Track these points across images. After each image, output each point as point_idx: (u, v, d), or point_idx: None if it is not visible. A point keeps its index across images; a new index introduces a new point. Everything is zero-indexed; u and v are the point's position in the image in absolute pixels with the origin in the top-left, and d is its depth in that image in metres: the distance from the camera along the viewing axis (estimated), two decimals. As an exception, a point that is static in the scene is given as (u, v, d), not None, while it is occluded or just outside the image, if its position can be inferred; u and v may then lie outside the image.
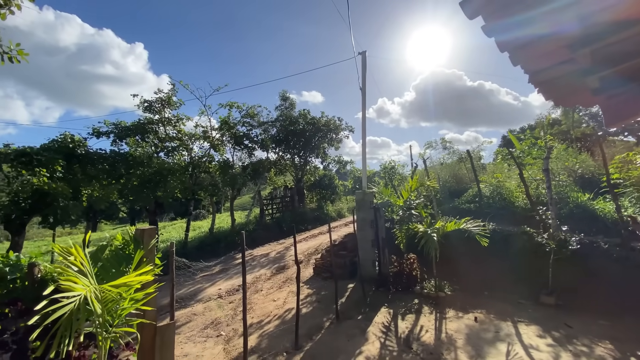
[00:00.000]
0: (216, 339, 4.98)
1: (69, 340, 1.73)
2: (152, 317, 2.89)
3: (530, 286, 5.64)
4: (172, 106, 13.86)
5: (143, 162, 12.25)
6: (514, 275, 5.99)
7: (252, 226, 15.59)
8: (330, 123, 18.67)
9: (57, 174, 9.41)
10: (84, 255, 2.17)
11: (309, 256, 10.41)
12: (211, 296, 7.30)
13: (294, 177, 20.06)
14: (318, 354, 4.22)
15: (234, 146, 16.01)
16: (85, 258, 2.19)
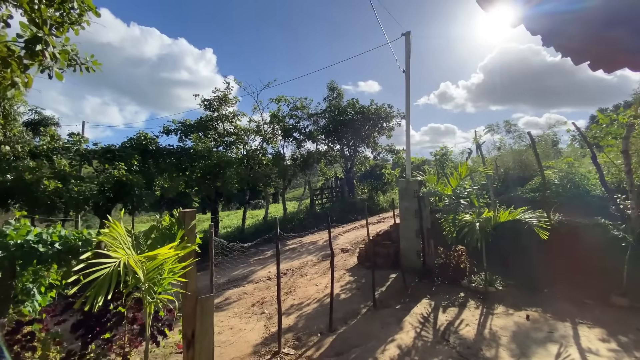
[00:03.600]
0: (260, 316, 5.37)
1: (102, 298, 2.09)
2: (192, 288, 3.26)
3: (600, 285, 4.92)
4: (229, 103, 14.90)
5: (204, 156, 13.45)
6: (581, 272, 5.28)
7: (303, 215, 16.13)
8: (380, 111, 18.19)
9: (134, 167, 10.92)
10: (123, 231, 2.56)
11: (355, 245, 10.44)
12: (261, 278, 7.83)
13: (343, 167, 20.11)
14: (350, 337, 4.30)
15: (284, 139, 16.64)
16: (124, 234, 2.57)
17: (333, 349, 4.02)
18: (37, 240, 3.27)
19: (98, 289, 2.12)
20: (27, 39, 3.99)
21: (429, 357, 3.70)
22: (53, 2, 4.26)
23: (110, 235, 2.53)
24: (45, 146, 10.83)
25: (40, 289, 3.68)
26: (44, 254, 3.29)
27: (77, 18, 4.58)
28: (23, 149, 10.71)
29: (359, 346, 4.03)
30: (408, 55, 8.18)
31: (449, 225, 6.47)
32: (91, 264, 2.58)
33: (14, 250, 3.16)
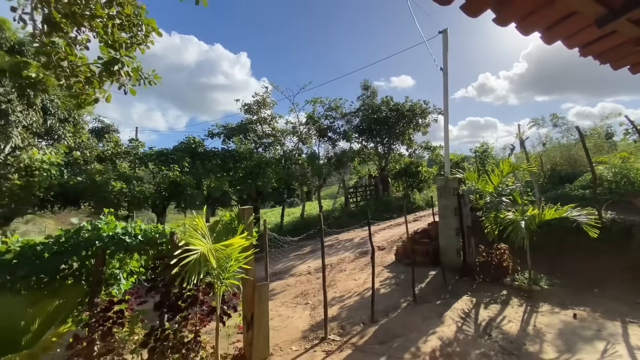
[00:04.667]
0: (304, 306, 5.76)
1: (194, 278, 2.54)
2: (251, 276, 3.70)
3: (657, 286, 4.68)
4: (267, 107, 15.62)
5: (246, 157, 14.24)
6: (634, 272, 5.04)
7: (338, 213, 16.45)
8: (415, 107, 17.96)
9: (185, 169, 11.92)
10: (204, 225, 3.02)
11: (392, 243, 10.54)
12: (302, 272, 8.26)
13: (377, 165, 20.10)
14: (392, 328, 4.52)
15: (318, 139, 17.06)
16: (205, 227, 3.03)
17: (376, 337, 4.28)
18: (124, 232, 3.89)
19: (191, 271, 2.58)
20: (106, 61, 4.67)
21: (470, 349, 3.83)
22: (124, 26, 4.91)
23: (191, 227, 3.01)
24: (110, 151, 12.20)
25: (124, 274, 4.34)
26: (130, 244, 3.90)
27: (143, 39, 5.22)
28: (91, 154, 12.13)
29: (401, 336, 4.25)
30: (445, 52, 8.14)
31: (490, 223, 6.42)
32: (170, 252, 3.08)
33: (107, 241, 3.79)
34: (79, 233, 3.76)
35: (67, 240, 3.72)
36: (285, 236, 6.36)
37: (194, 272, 2.63)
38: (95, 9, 4.40)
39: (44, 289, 3.62)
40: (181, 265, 2.82)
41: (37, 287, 3.61)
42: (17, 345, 3.17)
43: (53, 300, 3.51)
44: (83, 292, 3.80)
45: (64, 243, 3.71)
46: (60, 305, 3.53)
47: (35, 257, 3.59)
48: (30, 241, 3.73)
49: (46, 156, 8.92)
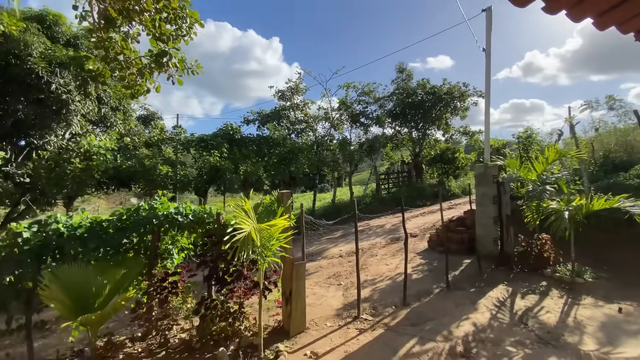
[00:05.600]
0: (337, 286, 6.00)
1: (244, 254, 2.81)
2: (290, 255, 3.96)
3: None
4: (300, 93, 15.75)
5: (280, 143, 14.59)
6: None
7: (369, 199, 16.45)
8: (453, 90, 17.15)
9: (223, 154, 12.52)
10: (250, 207, 3.28)
11: (425, 231, 10.45)
12: (334, 255, 8.51)
13: (411, 151, 19.65)
14: (424, 312, 4.62)
15: (351, 124, 16.96)
16: (251, 209, 3.29)
17: (408, 320, 4.41)
18: (176, 212, 4.29)
19: (240, 248, 2.85)
20: (157, 53, 5.00)
21: (505, 336, 3.84)
22: (170, 19, 5.19)
23: (239, 208, 3.28)
24: (156, 137, 13.10)
25: (176, 250, 4.80)
26: (181, 223, 4.30)
27: (187, 30, 5.49)
28: (139, 140, 13.09)
29: (433, 320, 4.34)
30: (489, 32, 7.69)
31: (531, 212, 6.18)
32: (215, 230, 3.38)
33: (162, 219, 4.20)
34: (138, 212, 4.20)
35: (128, 218, 4.17)
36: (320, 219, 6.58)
37: (243, 249, 2.90)
38: (147, 4, 4.70)
39: (110, 260, 4.12)
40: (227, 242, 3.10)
41: (104, 258, 4.11)
42: (91, 307, 3.67)
43: (118, 270, 4.00)
44: (142, 264, 4.28)
45: (126, 220, 4.17)
46: (124, 275, 4.02)
47: (102, 232, 4.08)
48: (97, 218, 4.23)
49: (102, 142, 9.79)
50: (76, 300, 3.56)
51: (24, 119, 9.36)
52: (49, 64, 8.80)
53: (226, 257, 3.83)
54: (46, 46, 8.92)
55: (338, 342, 3.91)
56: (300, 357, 3.59)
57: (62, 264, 3.71)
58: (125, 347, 4.00)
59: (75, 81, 9.84)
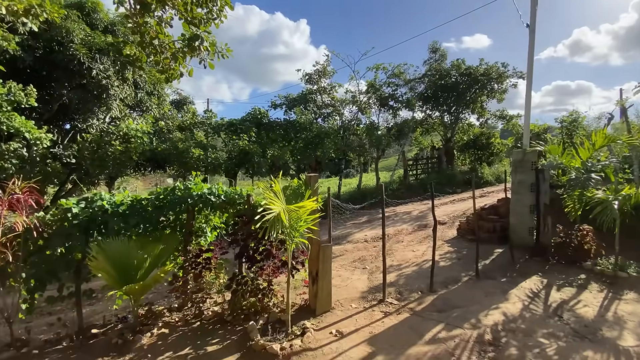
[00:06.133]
0: (362, 270, 6.05)
1: (274, 233, 2.89)
2: (316, 237, 4.02)
3: None
4: (327, 75, 15.51)
5: (306, 128, 14.60)
6: None
7: (396, 185, 16.17)
8: (491, 71, 16.12)
9: (252, 138, 12.77)
10: (279, 189, 3.34)
11: (454, 219, 10.17)
12: (359, 240, 8.54)
13: (442, 136, 18.92)
14: (451, 299, 4.56)
15: (379, 107, 16.53)
16: (280, 191, 3.35)
17: (434, 306, 4.37)
18: (209, 192, 4.46)
19: (270, 227, 2.93)
20: (189, 37, 5.07)
21: (537, 327, 3.71)
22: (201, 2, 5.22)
23: (268, 190, 3.35)
24: (188, 121, 13.58)
25: (209, 229, 5.03)
26: (214, 203, 4.47)
27: (218, 13, 5.51)
28: (173, 124, 13.63)
29: (460, 307, 4.27)
30: (534, 6, 7.06)
31: (573, 202, 5.81)
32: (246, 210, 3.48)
33: (197, 199, 4.39)
34: (174, 192, 4.42)
35: (165, 197, 4.40)
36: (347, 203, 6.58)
37: (273, 229, 2.98)
38: (179, -13, 4.75)
39: (149, 236, 4.40)
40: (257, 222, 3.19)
41: (144, 234, 4.39)
42: (133, 278, 3.97)
43: (157, 245, 4.27)
44: (178, 241, 4.54)
45: (163, 199, 4.40)
46: (162, 250, 4.28)
47: (142, 209, 4.34)
48: (137, 196, 4.50)
49: (139, 125, 10.29)
50: (120, 272, 3.86)
51: (68, 103, 10.01)
52: (89, 50, 9.26)
53: (256, 236, 3.96)
54: (86, 33, 9.37)
55: (363, 323, 3.97)
56: (325, 335, 3.70)
57: (107, 238, 4.02)
58: (164, 316, 4.31)
59: (113, 66, 10.30)
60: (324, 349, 3.42)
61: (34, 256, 3.76)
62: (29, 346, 3.62)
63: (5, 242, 3.26)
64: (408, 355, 3.26)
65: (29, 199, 3.47)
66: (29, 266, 3.70)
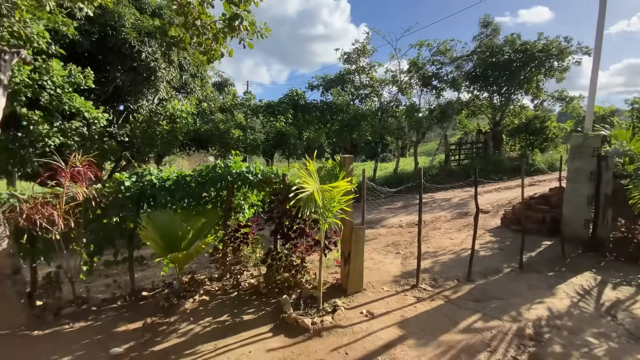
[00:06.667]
0: (395, 255, 5.97)
1: (307, 212, 2.91)
2: (350, 217, 4.00)
3: None
4: (366, 54, 14.96)
5: (342, 109, 14.36)
6: None
7: (435, 171, 15.51)
8: (550, 47, 14.49)
9: (288, 120, 12.87)
10: (314, 169, 3.34)
11: (498, 207, 9.59)
12: (393, 224, 8.40)
13: (490, 119, 17.61)
14: (490, 289, 4.35)
15: (421, 88, 15.69)
16: (315, 171, 3.35)
17: (471, 295, 4.20)
18: (247, 171, 4.59)
19: (304, 206, 2.97)
20: (230, 17, 5.10)
21: (586, 326, 3.43)
22: (241, -20, 5.18)
23: (303, 169, 3.37)
24: (229, 103, 14.00)
25: (246, 206, 5.22)
26: (252, 181, 4.60)
27: (258, -10, 5.44)
28: (215, 105, 14.13)
29: (500, 299, 4.07)
30: (609, -33, 6.12)
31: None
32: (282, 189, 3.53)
33: (235, 177, 4.55)
34: (215, 169, 4.61)
35: (207, 174, 4.61)
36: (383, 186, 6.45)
37: (306, 207, 3.01)
38: (219, -34, 4.76)
39: (192, 210, 4.66)
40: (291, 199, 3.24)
41: (188, 208, 4.67)
42: (178, 247, 4.26)
43: (199, 219, 4.53)
44: (219, 216, 4.76)
45: (205, 176, 4.62)
46: (204, 223, 4.53)
47: (186, 185, 4.59)
48: (182, 173, 4.76)
49: (184, 106, 10.80)
50: (166, 241, 4.16)
51: (121, 85, 10.73)
52: (138, 34, 9.75)
53: (290, 214, 4.03)
54: (136, 17, 9.85)
55: (394, 306, 3.94)
56: (356, 314, 3.73)
57: (156, 210, 4.34)
58: (205, 284, 4.62)
59: (160, 49, 10.77)
60: (354, 328, 3.46)
61: (93, 224, 4.17)
62: (88, 303, 4.09)
63: (68, 210, 3.64)
64: (440, 342, 3.20)
65: (88, 172, 3.82)
66: (88, 233, 4.11)
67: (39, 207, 3.42)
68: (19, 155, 7.04)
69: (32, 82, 6.61)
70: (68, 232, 3.81)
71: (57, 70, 7.06)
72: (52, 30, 6.03)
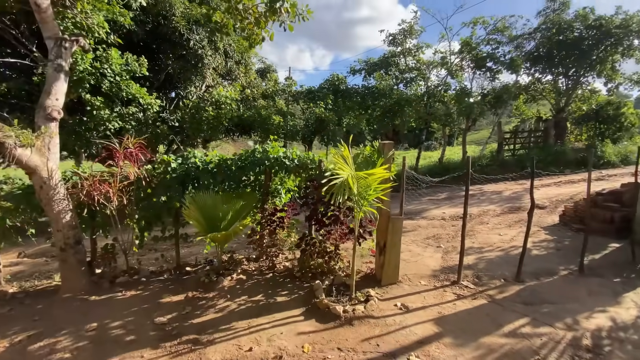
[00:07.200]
0: (435, 248, 5.68)
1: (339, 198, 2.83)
2: (387, 206, 3.84)
3: None
4: (413, 35, 14.11)
5: (385, 94, 13.81)
6: None
7: (486, 161, 14.42)
8: (630, 22, 12.50)
9: (328, 106, 12.71)
10: (349, 154, 3.22)
11: (557, 203, 8.68)
12: (435, 216, 8.00)
13: (552, 105, 15.82)
14: (542, 292, 3.95)
15: (473, 70, 14.48)
16: (350, 156, 3.23)
17: (520, 297, 3.85)
18: (284, 156, 4.60)
19: (336, 192, 2.89)
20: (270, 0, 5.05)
21: (661, 343, 2.96)
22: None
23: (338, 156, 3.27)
24: (271, 89, 14.18)
25: (283, 190, 5.28)
26: (288, 166, 4.61)
27: (299, -28, 5.30)
28: (257, 92, 14.40)
29: (553, 303, 3.68)
30: None
31: None
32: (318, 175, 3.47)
33: (273, 161, 4.59)
34: (254, 153, 4.69)
35: (247, 158, 4.71)
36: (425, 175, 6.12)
37: (339, 194, 2.92)
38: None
39: (232, 192, 4.81)
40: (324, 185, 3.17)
41: (228, 190, 4.83)
42: (218, 227, 4.44)
43: (238, 202, 4.66)
44: (257, 199, 4.87)
45: (245, 160, 4.72)
46: (243, 206, 4.66)
47: (227, 168, 4.74)
48: (223, 157, 4.91)
49: (229, 92, 11.14)
50: (207, 221, 4.36)
51: (172, 73, 11.32)
52: (187, 22, 10.13)
53: (325, 201, 3.97)
54: (185, 6, 10.22)
55: (431, 301, 3.75)
56: (390, 306, 3.61)
57: (199, 191, 4.55)
58: (242, 264, 4.79)
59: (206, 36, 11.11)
60: (387, 320, 3.35)
61: (144, 202, 4.49)
62: (139, 274, 4.46)
63: (121, 188, 3.93)
64: (480, 344, 2.97)
65: (139, 153, 4.08)
66: (140, 209, 4.44)
67: (97, 185, 3.74)
68: (84, 137, 7.82)
69: (94, 70, 7.21)
70: (122, 209, 4.15)
71: (116, 59, 7.63)
72: (110, 21, 6.47)
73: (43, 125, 3.58)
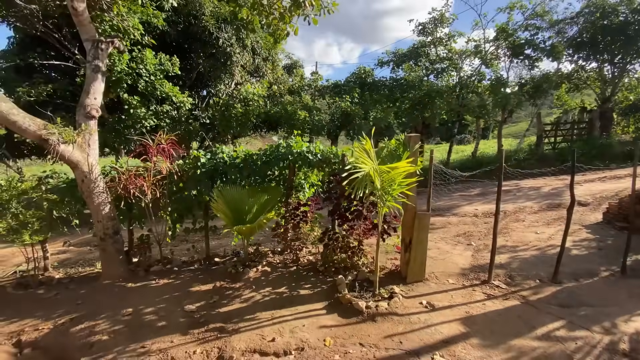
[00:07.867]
0: (466, 246, 5.46)
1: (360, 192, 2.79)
2: (412, 203, 3.74)
3: None
4: (445, 23, 13.51)
5: (414, 86, 13.37)
6: None
7: (523, 155, 13.59)
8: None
9: (354, 99, 12.56)
10: (371, 148, 3.17)
11: (601, 200, 8.02)
12: (466, 213, 7.69)
13: (597, 95, 14.53)
14: (580, 294, 3.68)
15: (510, 58, 13.60)
16: (372, 150, 3.17)
17: (556, 298, 3.62)
18: (308, 151, 4.62)
19: (357, 187, 2.86)
20: (295, -6, 5.02)
21: None
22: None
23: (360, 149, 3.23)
24: (297, 84, 14.26)
25: (307, 185, 5.31)
26: (311, 160, 4.63)
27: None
28: (284, 88, 14.53)
29: (591, 306, 3.42)
30: None
31: None
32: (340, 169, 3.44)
33: (296, 156, 4.62)
34: (278, 148, 4.75)
35: (271, 153, 4.78)
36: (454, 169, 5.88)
37: (360, 188, 2.89)
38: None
39: (258, 186, 4.92)
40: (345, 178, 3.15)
41: (254, 185, 4.94)
42: (243, 220, 4.56)
43: (263, 196, 4.76)
44: (281, 193, 4.94)
45: (269, 155, 4.80)
46: (267, 200, 4.75)
47: (252, 163, 4.85)
48: (249, 152, 5.03)
49: (256, 89, 11.34)
50: (234, 214, 4.49)
51: (203, 72, 11.70)
52: (216, 21, 10.39)
53: (348, 195, 3.94)
54: (214, 5, 10.48)
55: (459, 301, 3.62)
56: (414, 304, 3.54)
57: (226, 185, 4.70)
58: (268, 256, 4.90)
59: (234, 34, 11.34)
60: (411, 318, 3.29)
61: (176, 195, 4.71)
62: (171, 264, 4.70)
63: (155, 182, 4.15)
64: (510, 346, 2.83)
65: (170, 149, 4.28)
66: (172, 202, 4.67)
67: (132, 179, 3.98)
68: (123, 135, 8.33)
69: (131, 70, 7.63)
70: (156, 201, 4.39)
71: (150, 59, 8.01)
72: (144, 23, 6.80)
73: (83, 122, 3.85)
